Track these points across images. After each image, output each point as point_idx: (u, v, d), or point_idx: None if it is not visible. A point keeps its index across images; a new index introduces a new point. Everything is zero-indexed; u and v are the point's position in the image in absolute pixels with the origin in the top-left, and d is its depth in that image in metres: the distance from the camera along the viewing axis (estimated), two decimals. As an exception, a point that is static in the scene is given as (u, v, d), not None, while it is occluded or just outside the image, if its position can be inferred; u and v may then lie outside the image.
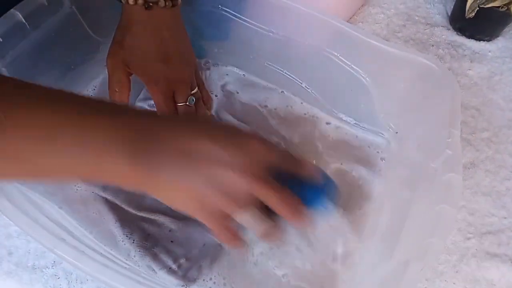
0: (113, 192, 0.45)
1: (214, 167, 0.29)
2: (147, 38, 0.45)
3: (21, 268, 0.45)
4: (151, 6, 0.44)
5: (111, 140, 0.28)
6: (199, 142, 0.29)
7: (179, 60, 0.48)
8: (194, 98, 0.49)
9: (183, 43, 0.49)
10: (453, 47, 0.67)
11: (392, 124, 0.51)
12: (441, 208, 0.35)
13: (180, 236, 0.43)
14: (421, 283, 0.46)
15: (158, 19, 0.45)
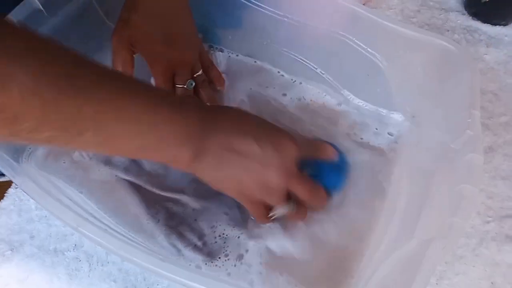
0: (135, 175, 0.45)
1: (258, 166, 0.36)
2: (152, 19, 0.46)
3: (43, 251, 0.45)
4: None
5: (175, 132, 0.33)
6: (245, 141, 0.36)
7: (182, 42, 0.48)
8: (193, 82, 0.49)
9: (187, 25, 0.49)
10: (468, 32, 0.66)
11: (409, 108, 0.51)
12: (462, 187, 0.35)
13: (204, 214, 0.43)
14: (441, 266, 0.46)
15: (165, 1, 0.46)
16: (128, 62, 0.47)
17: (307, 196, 0.39)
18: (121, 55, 0.47)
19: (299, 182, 0.39)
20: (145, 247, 0.38)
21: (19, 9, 0.43)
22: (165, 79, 0.48)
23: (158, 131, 0.32)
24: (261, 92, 0.55)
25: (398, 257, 0.36)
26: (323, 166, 0.42)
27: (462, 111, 0.40)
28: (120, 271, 0.45)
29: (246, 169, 0.37)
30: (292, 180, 0.38)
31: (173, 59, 0.48)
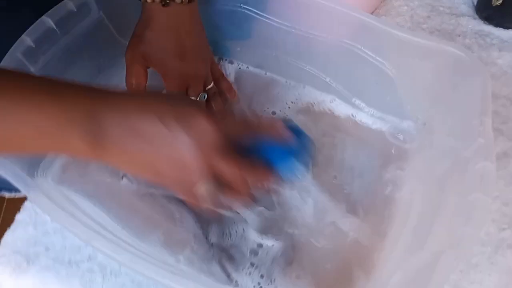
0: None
1: (164, 147, 0.32)
2: (165, 34, 0.47)
3: (58, 263, 0.46)
4: (168, 3, 0.45)
5: (55, 118, 0.30)
6: (146, 120, 0.32)
7: (195, 56, 0.49)
8: (205, 95, 0.50)
9: (199, 39, 0.50)
10: (480, 37, 0.65)
11: (420, 115, 0.50)
12: (474, 197, 0.34)
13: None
14: (455, 275, 0.45)
15: (175, 16, 0.46)
16: (142, 75, 0.48)
17: (230, 180, 0.34)
18: (135, 69, 0.48)
19: (224, 159, 0.33)
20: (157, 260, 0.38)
21: (33, 28, 0.44)
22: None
23: (33, 120, 0.29)
24: (271, 102, 0.55)
25: (410, 267, 0.36)
26: (271, 149, 0.36)
27: (474, 119, 0.40)
28: (133, 282, 0.45)
29: (155, 153, 0.32)
30: (213, 159, 0.33)
31: (186, 73, 0.48)
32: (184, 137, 0.32)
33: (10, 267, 0.46)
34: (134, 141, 0.32)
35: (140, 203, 0.46)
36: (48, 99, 0.30)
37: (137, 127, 0.31)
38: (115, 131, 0.31)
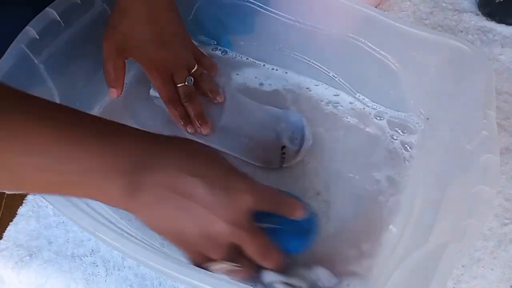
0: None
1: (203, 213, 0.31)
2: (143, 23, 0.46)
3: (61, 256, 0.46)
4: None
5: (99, 165, 0.29)
6: (191, 182, 0.31)
7: (175, 42, 0.49)
8: (192, 78, 0.50)
9: (177, 25, 0.50)
10: (482, 33, 0.65)
11: (423, 109, 0.50)
12: (479, 189, 0.34)
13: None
14: (458, 269, 0.45)
15: (151, 3, 0.46)
16: (120, 68, 0.48)
17: (256, 254, 0.34)
18: (111, 61, 0.48)
19: (249, 237, 0.33)
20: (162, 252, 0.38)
21: (37, 20, 0.44)
22: (164, 81, 0.48)
23: (74, 164, 0.28)
24: (272, 95, 0.55)
25: (414, 260, 0.36)
26: (285, 223, 0.37)
27: (477, 112, 0.40)
28: (136, 276, 0.45)
29: (188, 213, 0.31)
30: (240, 234, 0.32)
31: (168, 60, 0.48)
32: (223, 209, 0.31)
33: (12, 261, 0.46)
34: (171, 199, 0.31)
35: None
36: (96, 142, 0.29)
37: (179, 187, 0.31)
38: (156, 189, 0.30)
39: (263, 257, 0.34)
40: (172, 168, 0.31)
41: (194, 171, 0.31)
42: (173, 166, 0.31)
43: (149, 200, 0.30)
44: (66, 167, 0.28)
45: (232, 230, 0.32)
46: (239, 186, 0.32)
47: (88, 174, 0.29)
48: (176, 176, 0.31)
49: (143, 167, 0.30)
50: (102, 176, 0.29)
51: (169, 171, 0.31)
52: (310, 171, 0.49)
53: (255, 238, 0.33)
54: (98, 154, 0.29)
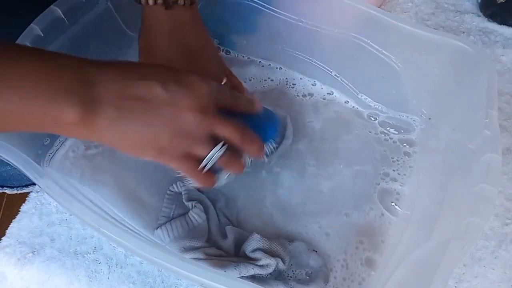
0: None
1: (168, 110, 0.30)
2: (171, 42, 0.44)
3: (63, 253, 0.46)
4: (172, 6, 0.42)
5: (46, 86, 0.27)
6: (145, 84, 0.30)
7: (203, 56, 0.47)
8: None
9: (205, 41, 0.48)
10: (484, 34, 0.65)
11: (425, 110, 0.51)
12: (480, 187, 0.34)
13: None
14: (459, 268, 0.45)
15: (178, 20, 0.44)
16: None
17: (237, 136, 0.34)
18: None
19: (224, 121, 0.33)
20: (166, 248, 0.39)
21: (42, 17, 0.44)
22: None
23: (20, 88, 0.26)
24: (274, 94, 0.55)
25: (416, 258, 0.36)
26: (251, 119, 0.37)
27: (479, 112, 0.40)
28: (138, 273, 0.45)
29: (154, 117, 0.30)
30: (214, 120, 0.33)
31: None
32: (184, 100, 0.31)
33: (15, 258, 0.46)
34: (132, 108, 0.30)
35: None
36: (38, 65, 0.27)
37: (135, 92, 0.30)
38: (112, 101, 0.29)
39: (242, 137, 0.34)
40: (122, 78, 0.30)
41: (145, 75, 0.31)
42: (123, 75, 0.30)
43: (112, 115, 0.29)
44: (10, 96, 0.26)
45: (202, 116, 0.32)
46: (194, 80, 0.33)
47: (36, 100, 0.27)
48: (128, 83, 0.30)
49: (92, 81, 0.29)
50: (51, 98, 0.27)
51: (120, 81, 0.30)
52: (311, 170, 0.49)
53: (227, 120, 0.33)
54: (42, 77, 0.27)
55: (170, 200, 0.46)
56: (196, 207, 0.45)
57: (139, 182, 0.47)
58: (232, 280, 0.31)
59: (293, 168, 0.49)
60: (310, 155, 0.50)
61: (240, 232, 0.44)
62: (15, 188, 0.63)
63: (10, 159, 0.37)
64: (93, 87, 0.29)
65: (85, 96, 0.28)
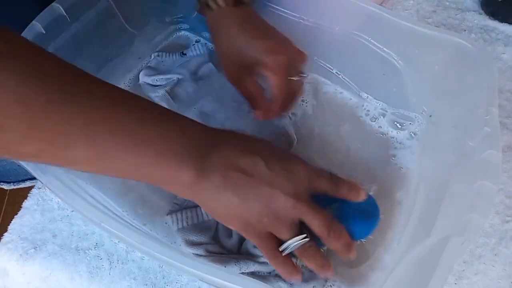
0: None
1: (265, 189, 0.32)
2: (243, 32, 0.45)
3: (65, 249, 0.47)
4: (241, 2, 0.45)
5: (174, 148, 0.30)
6: (252, 160, 0.33)
7: (276, 32, 0.48)
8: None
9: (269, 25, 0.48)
10: (485, 32, 0.65)
11: (426, 107, 0.51)
12: (480, 184, 0.34)
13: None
14: (459, 265, 0.45)
15: (244, 14, 0.46)
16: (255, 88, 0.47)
17: (323, 228, 0.33)
18: (244, 87, 0.47)
19: (313, 210, 0.33)
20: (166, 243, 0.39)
21: (43, 15, 0.44)
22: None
23: (154, 146, 0.30)
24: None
25: (416, 255, 0.36)
26: (348, 208, 0.37)
27: (480, 109, 0.40)
28: (140, 269, 0.45)
29: (253, 193, 0.32)
30: (303, 207, 0.33)
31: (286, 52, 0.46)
32: (282, 182, 0.33)
33: (17, 253, 0.47)
34: (235, 178, 0.32)
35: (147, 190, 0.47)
36: (174, 128, 0.31)
37: (242, 165, 0.32)
38: (220, 170, 0.32)
39: (329, 231, 0.34)
40: (233, 149, 0.33)
41: (253, 150, 0.33)
42: (234, 147, 0.33)
43: (216, 182, 0.32)
44: (145, 148, 0.29)
45: (294, 202, 0.32)
46: (295, 164, 0.34)
47: (163, 157, 0.30)
48: (238, 155, 0.33)
49: (208, 150, 0.32)
50: (179, 158, 0.30)
51: (231, 151, 0.33)
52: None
53: (319, 211, 0.33)
54: (169, 136, 0.30)
55: None
56: None
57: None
58: (233, 275, 0.31)
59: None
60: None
61: None
62: (12, 183, 0.63)
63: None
64: (211, 154, 0.32)
65: (203, 161, 0.31)
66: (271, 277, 0.41)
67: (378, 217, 0.39)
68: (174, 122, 0.32)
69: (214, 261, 0.39)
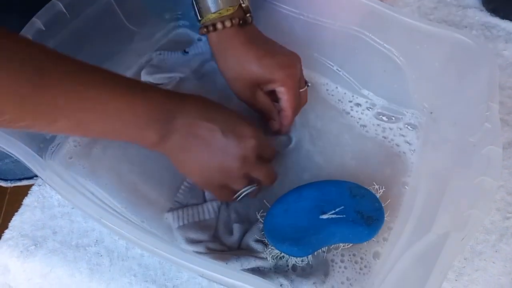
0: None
1: (219, 153, 0.40)
2: (248, 50, 0.45)
3: (65, 246, 0.47)
4: (245, 22, 0.46)
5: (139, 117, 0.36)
6: (209, 128, 0.39)
7: (279, 45, 0.48)
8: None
9: (277, 43, 0.49)
10: (487, 28, 0.65)
11: (427, 104, 0.51)
12: (481, 180, 0.34)
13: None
14: (460, 262, 0.45)
15: (247, 34, 0.46)
16: (266, 103, 0.48)
17: (263, 180, 0.44)
18: (256, 102, 0.48)
19: (257, 169, 0.43)
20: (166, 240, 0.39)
21: (43, 11, 0.44)
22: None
23: (122, 116, 0.35)
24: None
25: (416, 250, 0.36)
26: (353, 212, 0.40)
27: (480, 105, 0.40)
28: (140, 265, 0.45)
29: (209, 156, 0.40)
30: (251, 168, 0.42)
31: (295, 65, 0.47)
32: (233, 149, 0.40)
33: (18, 250, 0.47)
34: (195, 143, 0.39)
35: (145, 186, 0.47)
36: (139, 98, 0.36)
37: (200, 132, 0.39)
38: (182, 133, 0.39)
39: (267, 180, 0.44)
40: (194, 116, 0.39)
41: (211, 117, 0.40)
42: (194, 114, 0.39)
43: (178, 144, 0.39)
44: (116, 118, 0.35)
45: (242, 163, 0.41)
46: (248, 131, 0.41)
47: (130, 125, 0.36)
48: (196, 123, 0.39)
49: (171, 116, 0.38)
50: (144, 124, 0.37)
51: (192, 119, 0.39)
52: (310, 163, 0.49)
53: (262, 167, 0.43)
54: (134, 107, 0.36)
55: (187, 188, 0.47)
56: (215, 200, 0.46)
57: (141, 176, 0.47)
58: (234, 271, 0.31)
59: (300, 163, 0.49)
60: (314, 151, 0.50)
61: (247, 230, 0.44)
62: (9, 181, 0.63)
63: (13, 151, 0.37)
64: (173, 122, 0.38)
65: (166, 127, 0.38)
66: (271, 273, 0.41)
67: (382, 222, 0.40)
68: (142, 93, 0.37)
69: (215, 258, 0.39)
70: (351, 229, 0.39)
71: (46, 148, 0.48)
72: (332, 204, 0.40)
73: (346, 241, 0.41)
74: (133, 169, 0.48)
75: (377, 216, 0.40)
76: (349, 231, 0.39)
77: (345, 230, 0.39)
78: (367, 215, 0.40)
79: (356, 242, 0.41)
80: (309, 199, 0.42)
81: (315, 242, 0.39)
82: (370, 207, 0.41)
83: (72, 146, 0.50)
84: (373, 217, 0.40)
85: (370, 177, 0.46)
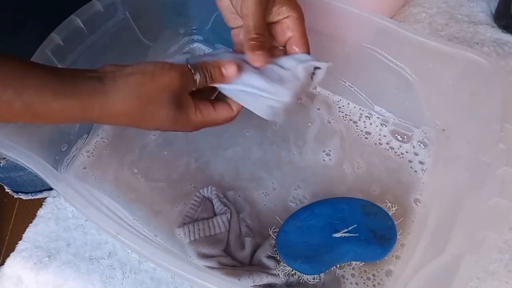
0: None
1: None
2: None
3: (78, 258, 0.47)
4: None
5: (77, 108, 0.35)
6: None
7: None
8: None
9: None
10: (498, 45, 0.65)
11: (439, 121, 0.51)
12: (495, 201, 0.34)
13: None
14: (473, 282, 0.45)
15: None
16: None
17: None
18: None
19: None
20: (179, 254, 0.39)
21: (62, 27, 0.45)
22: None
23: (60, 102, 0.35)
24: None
25: (430, 272, 0.36)
26: (366, 230, 0.40)
27: (494, 125, 0.40)
28: (152, 279, 0.46)
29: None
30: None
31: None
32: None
33: (31, 262, 0.47)
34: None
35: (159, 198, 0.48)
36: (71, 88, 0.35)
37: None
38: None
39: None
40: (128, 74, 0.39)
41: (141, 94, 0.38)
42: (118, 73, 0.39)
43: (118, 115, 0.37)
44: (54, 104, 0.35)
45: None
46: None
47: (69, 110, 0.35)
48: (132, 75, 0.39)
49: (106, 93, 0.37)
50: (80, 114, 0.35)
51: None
52: (328, 181, 0.50)
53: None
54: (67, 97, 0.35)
55: (196, 202, 0.47)
56: (225, 214, 0.46)
57: (153, 190, 0.48)
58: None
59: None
60: (326, 167, 0.50)
61: (259, 244, 0.44)
62: (29, 194, 0.64)
63: (28, 164, 0.38)
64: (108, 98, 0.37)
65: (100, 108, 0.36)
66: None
67: (395, 240, 0.40)
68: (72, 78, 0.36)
69: (228, 273, 0.39)
70: (364, 248, 0.39)
71: (61, 161, 0.49)
72: (344, 222, 0.41)
73: (359, 259, 0.41)
74: (147, 184, 0.48)
75: (390, 235, 0.40)
76: (362, 250, 0.39)
77: (358, 249, 0.40)
78: (380, 234, 0.40)
79: (369, 260, 0.41)
80: (321, 217, 0.42)
81: (328, 260, 0.39)
82: (383, 226, 0.41)
83: (86, 157, 0.51)
84: (386, 236, 0.40)
85: (382, 194, 0.46)
